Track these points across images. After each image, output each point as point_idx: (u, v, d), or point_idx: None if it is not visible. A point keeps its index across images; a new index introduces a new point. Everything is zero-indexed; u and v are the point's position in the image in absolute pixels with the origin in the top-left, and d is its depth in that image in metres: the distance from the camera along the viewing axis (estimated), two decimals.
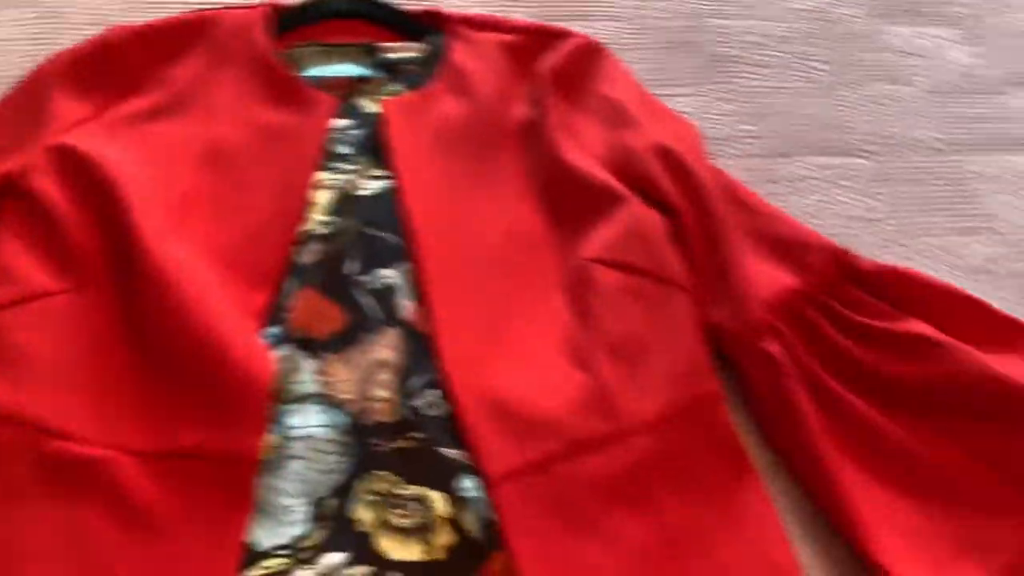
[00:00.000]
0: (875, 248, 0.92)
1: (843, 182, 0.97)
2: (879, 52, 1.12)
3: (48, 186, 0.80)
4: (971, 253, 0.93)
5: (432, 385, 0.73)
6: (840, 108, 1.05)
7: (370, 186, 0.86)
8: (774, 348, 0.78)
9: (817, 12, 1.16)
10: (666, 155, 0.86)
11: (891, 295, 0.82)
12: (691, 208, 0.84)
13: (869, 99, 1.06)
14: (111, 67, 0.90)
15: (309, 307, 0.77)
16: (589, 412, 0.71)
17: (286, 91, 0.91)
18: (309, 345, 0.75)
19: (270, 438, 0.69)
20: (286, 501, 0.67)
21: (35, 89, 0.89)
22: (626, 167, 0.87)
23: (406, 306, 0.78)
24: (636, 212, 0.83)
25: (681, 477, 0.72)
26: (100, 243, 0.78)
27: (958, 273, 0.91)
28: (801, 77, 1.07)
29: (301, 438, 0.70)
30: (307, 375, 0.73)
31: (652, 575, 0.67)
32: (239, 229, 0.81)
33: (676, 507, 0.70)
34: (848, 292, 0.82)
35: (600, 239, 0.81)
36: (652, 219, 0.83)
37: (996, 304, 0.87)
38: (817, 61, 1.10)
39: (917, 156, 1.01)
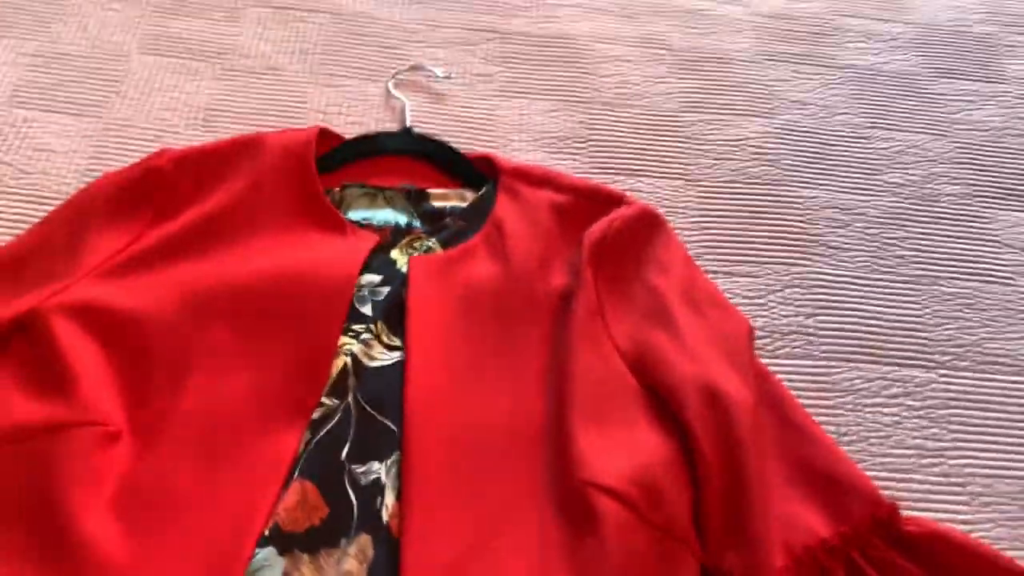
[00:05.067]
0: (930, 488, 0.81)
1: (910, 401, 0.87)
2: (982, 243, 1.01)
3: (62, 328, 0.80)
4: None
5: None
6: (922, 311, 0.94)
7: (382, 357, 0.82)
8: None
9: (913, 187, 1.05)
10: (704, 387, 0.78)
11: (931, 562, 0.72)
12: (718, 447, 0.75)
13: (955, 298, 0.95)
14: (154, 192, 0.90)
15: (301, 500, 0.73)
16: None
17: (327, 226, 0.89)
18: (288, 542, 0.71)
19: None
20: None
21: (77, 215, 0.89)
22: (652, 376, 0.80)
23: (389, 506, 0.73)
24: (653, 441, 0.76)
25: None
26: (118, 383, 0.78)
27: (1023, 527, 0.79)
28: (884, 267, 0.97)
29: None
30: (277, 573, 0.69)
31: None
32: (259, 391, 0.79)
33: None
34: (885, 554, 0.72)
35: (613, 464, 0.74)
36: (668, 451, 0.75)
37: None
38: (904, 248, 0.99)
39: (999, 374, 0.89)
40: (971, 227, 1.02)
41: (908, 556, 0.73)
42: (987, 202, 1.05)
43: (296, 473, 0.74)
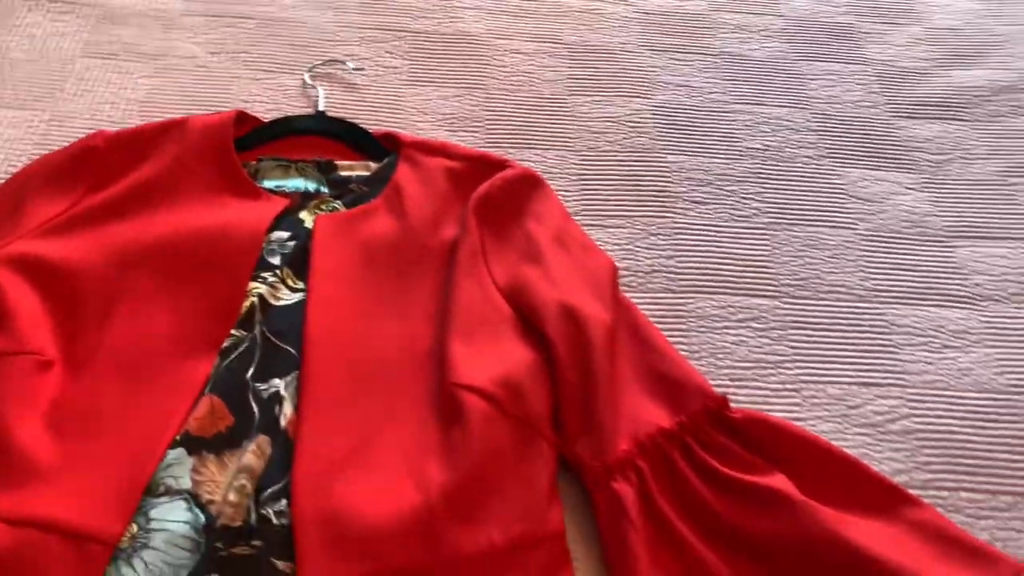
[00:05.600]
0: (769, 394, 0.93)
1: (754, 323, 0.99)
2: (826, 195, 1.14)
3: (1, 275, 0.91)
4: (870, 406, 0.93)
5: (285, 494, 0.79)
6: (768, 249, 1.07)
7: (286, 297, 0.94)
8: (623, 488, 0.80)
9: (771, 151, 1.19)
10: (563, 306, 0.90)
11: (759, 446, 0.84)
12: (572, 353, 0.88)
13: (801, 240, 1.08)
14: (90, 166, 1.03)
15: (209, 411, 0.84)
16: (413, 539, 0.75)
17: (241, 192, 1.02)
18: (196, 444, 0.82)
19: (132, 527, 0.76)
20: None
21: (18, 189, 1.02)
22: (523, 303, 0.92)
23: (287, 414, 0.85)
24: (520, 352, 0.88)
25: None
26: (51, 321, 0.90)
27: (847, 424, 0.91)
28: (737, 216, 1.10)
29: (161, 531, 0.77)
30: (185, 472, 0.80)
31: None
32: (177, 327, 0.91)
33: None
34: (715, 438, 0.84)
35: (481, 369, 0.86)
36: (531, 360, 0.88)
37: (885, 463, 0.88)
38: (759, 201, 1.13)
39: (836, 302, 1.02)
40: (821, 182, 1.16)
41: (734, 438, 0.84)
42: (837, 162, 1.19)
43: (207, 391, 0.86)
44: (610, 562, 0.79)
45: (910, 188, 1.16)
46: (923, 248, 1.09)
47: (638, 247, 1.06)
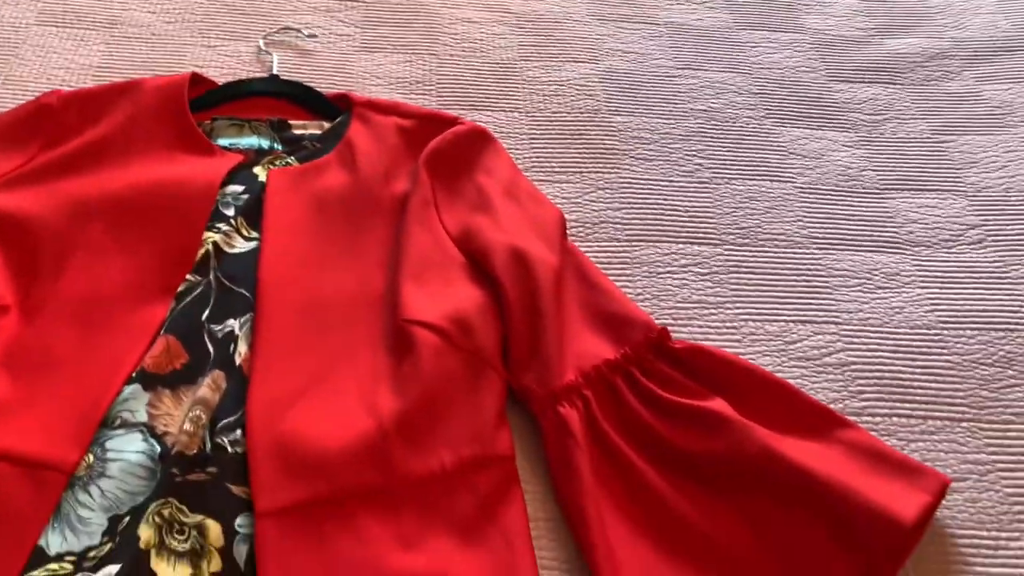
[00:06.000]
0: (710, 331, 0.97)
1: (696, 268, 1.03)
2: (766, 152, 1.18)
3: None
4: (806, 342, 0.97)
5: (240, 424, 0.81)
6: (710, 201, 1.11)
7: (240, 245, 0.96)
8: (568, 412, 0.83)
9: (714, 112, 1.23)
10: (512, 249, 0.93)
11: (700, 374, 0.87)
12: (520, 290, 0.91)
13: (742, 193, 1.12)
14: (45, 124, 1.04)
15: (164, 350, 0.86)
16: (364, 461, 0.78)
17: (195, 149, 1.04)
18: (152, 380, 0.84)
19: (88, 457, 0.78)
20: (86, 514, 0.75)
21: None
22: (473, 249, 0.95)
23: (242, 352, 0.87)
24: (469, 292, 0.91)
25: (452, 528, 0.77)
26: (6, 271, 0.91)
27: (785, 358, 0.95)
28: (680, 172, 1.14)
29: (116, 460, 0.78)
30: (141, 406, 0.82)
31: None
32: (132, 275, 0.92)
33: (443, 554, 0.75)
34: (657, 367, 0.88)
35: (431, 307, 0.89)
36: (481, 299, 0.91)
37: (821, 393, 0.92)
38: (701, 158, 1.17)
39: (775, 248, 1.06)
40: (762, 141, 1.20)
41: (676, 367, 0.88)
42: (777, 122, 1.23)
43: (162, 332, 0.87)
44: (557, 481, 0.82)
45: (847, 146, 1.21)
46: (858, 199, 1.13)
47: (586, 200, 1.10)
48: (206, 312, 0.90)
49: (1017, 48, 1.39)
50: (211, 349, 0.87)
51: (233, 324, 0.89)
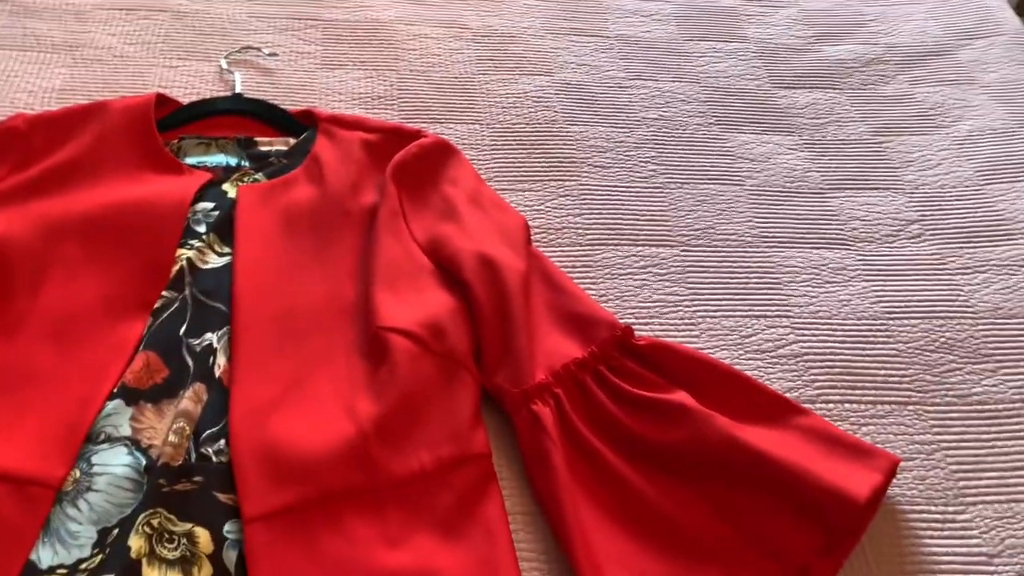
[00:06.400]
0: (670, 328, 1.02)
1: (655, 269, 1.08)
2: (716, 157, 1.24)
3: None
4: (761, 335, 1.02)
5: (223, 434, 0.84)
6: (666, 205, 1.16)
7: (213, 261, 0.98)
8: (541, 409, 0.87)
9: (665, 120, 1.29)
10: (480, 255, 0.97)
11: (663, 368, 0.92)
12: (489, 295, 0.94)
13: (695, 197, 1.18)
14: (12, 146, 1.05)
15: (145, 365, 0.88)
16: (346, 464, 0.81)
17: (164, 168, 1.06)
18: (134, 395, 0.86)
19: (75, 472, 0.80)
20: (75, 527, 0.77)
21: None
22: (442, 257, 0.99)
23: (221, 364, 0.89)
24: (440, 298, 0.95)
25: (435, 526, 0.80)
26: None
27: (741, 352, 1.00)
28: (636, 178, 1.19)
29: (103, 474, 0.80)
30: (124, 421, 0.84)
31: None
32: (109, 292, 0.94)
33: (427, 551, 0.79)
34: (623, 363, 0.92)
35: (404, 314, 0.92)
36: (451, 304, 0.94)
37: (777, 383, 0.97)
38: (655, 164, 1.22)
39: (728, 248, 1.11)
40: (711, 146, 1.26)
41: (640, 363, 0.92)
42: (725, 128, 1.29)
43: (141, 348, 0.89)
44: (532, 476, 0.86)
45: (791, 149, 1.27)
46: (804, 199, 1.19)
47: (548, 207, 1.14)
48: (183, 327, 0.92)
49: (945, 52, 1.47)
50: (190, 363, 0.89)
51: (211, 337, 0.91)
